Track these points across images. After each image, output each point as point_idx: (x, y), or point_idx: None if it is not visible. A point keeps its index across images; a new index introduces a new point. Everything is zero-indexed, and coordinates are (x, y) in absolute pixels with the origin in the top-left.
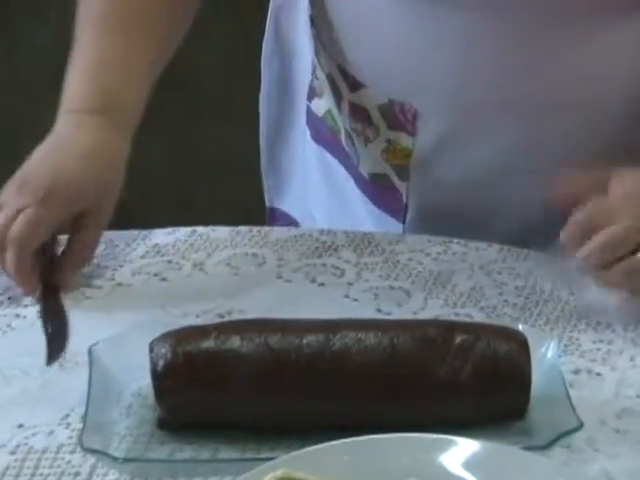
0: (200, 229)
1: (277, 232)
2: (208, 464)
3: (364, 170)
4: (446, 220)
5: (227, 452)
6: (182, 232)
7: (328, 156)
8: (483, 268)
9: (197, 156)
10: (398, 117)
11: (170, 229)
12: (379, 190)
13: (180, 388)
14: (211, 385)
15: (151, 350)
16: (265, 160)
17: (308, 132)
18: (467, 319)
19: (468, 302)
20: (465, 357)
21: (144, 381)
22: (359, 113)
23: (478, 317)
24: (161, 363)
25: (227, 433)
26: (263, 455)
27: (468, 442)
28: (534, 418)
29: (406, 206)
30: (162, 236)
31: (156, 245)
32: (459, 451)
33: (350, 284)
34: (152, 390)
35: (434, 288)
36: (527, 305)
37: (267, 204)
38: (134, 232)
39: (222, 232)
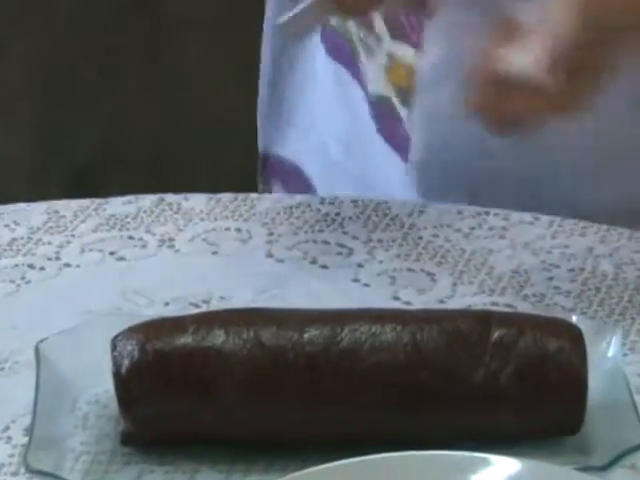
0: (169, 197)
1: (267, 201)
2: None
3: (371, 91)
4: (462, 172)
5: (209, 474)
6: (146, 201)
7: (344, 73)
8: (528, 246)
9: (175, 111)
10: (402, 22)
11: (131, 197)
12: (384, 117)
13: (150, 395)
14: (188, 391)
15: (114, 348)
16: (266, 98)
17: (323, 48)
18: (507, 310)
19: (509, 289)
20: (505, 357)
21: (104, 386)
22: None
23: (522, 308)
24: (126, 364)
25: (209, 450)
26: (253, 478)
27: (507, 461)
28: (591, 432)
29: (409, 140)
30: (120, 206)
31: (112, 216)
32: (496, 472)
33: (360, 266)
34: (115, 397)
35: (466, 271)
36: (585, 293)
37: (261, 152)
38: (85, 200)
39: (197, 201)
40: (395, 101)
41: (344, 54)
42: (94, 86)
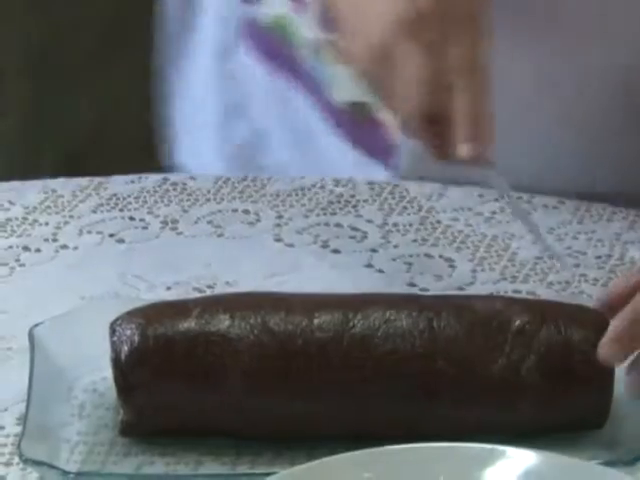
0: (174, 177)
1: (278, 182)
2: None
3: (338, 97)
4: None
5: (212, 466)
6: (150, 180)
7: (280, 79)
8: (553, 231)
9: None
10: None
11: (134, 176)
12: (359, 125)
13: (151, 383)
14: (191, 379)
15: (112, 332)
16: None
17: (249, 47)
18: (530, 298)
19: (532, 276)
20: (527, 346)
21: (102, 373)
22: None
23: (546, 296)
24: (126, 350)
25: (213, 442)
26: (259, 470)
27: (526, 454)
28: (617, 426)
29: (395, 146)
30: (122, 185)
31: (113, 196)
32: (515, 465)
33: (374, 251)
34: (113, 385)
35: (487, 257)
36: (612, 280)
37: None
38: (84, 179)
39: (203, 181)
40: (374, 105)
41: (275, 54)
42: (88, 68)
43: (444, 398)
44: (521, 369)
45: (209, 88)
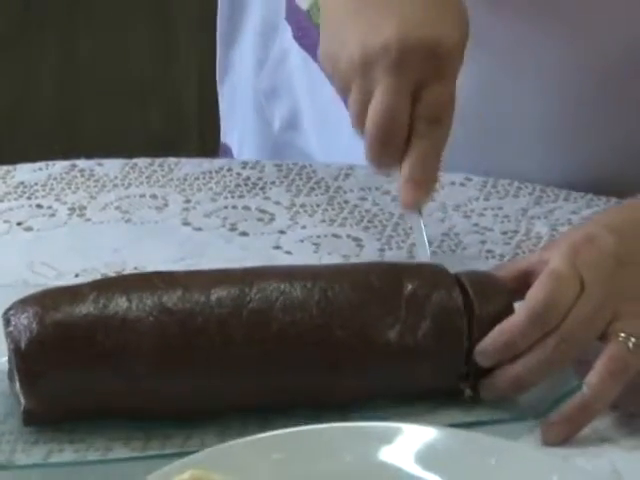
0: (82, 163)
1: (186, 166)
2: (97, 467)
3: None
4: (466, 159)
5: (121, 450)
6: (57, 167)
7: (313, 65)
8: (459, 208)
9: (88, 71)
10: None
11: (41, 164)
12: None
13: (54, 370)
14: (94, 364)
15: (7, 322)
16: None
17: (290, 30)
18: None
19: (439, 253)
20: (420, 310)
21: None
22: None
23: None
24: (25, 338)
25: (121, 425)
26: (168, 451)
27: (430, 431)
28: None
29: None
30: (29, 173)
31: (21, 184)
32: (418, 442)
33: (282, 232)
34: (15, 374)
35: (394, 236)
36: (519, 256)
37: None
38: None
39: (111, 167)
40: None
41: (312, 41)
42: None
43: (344, 366)
44: (417, 334)
45: (252, 69)
